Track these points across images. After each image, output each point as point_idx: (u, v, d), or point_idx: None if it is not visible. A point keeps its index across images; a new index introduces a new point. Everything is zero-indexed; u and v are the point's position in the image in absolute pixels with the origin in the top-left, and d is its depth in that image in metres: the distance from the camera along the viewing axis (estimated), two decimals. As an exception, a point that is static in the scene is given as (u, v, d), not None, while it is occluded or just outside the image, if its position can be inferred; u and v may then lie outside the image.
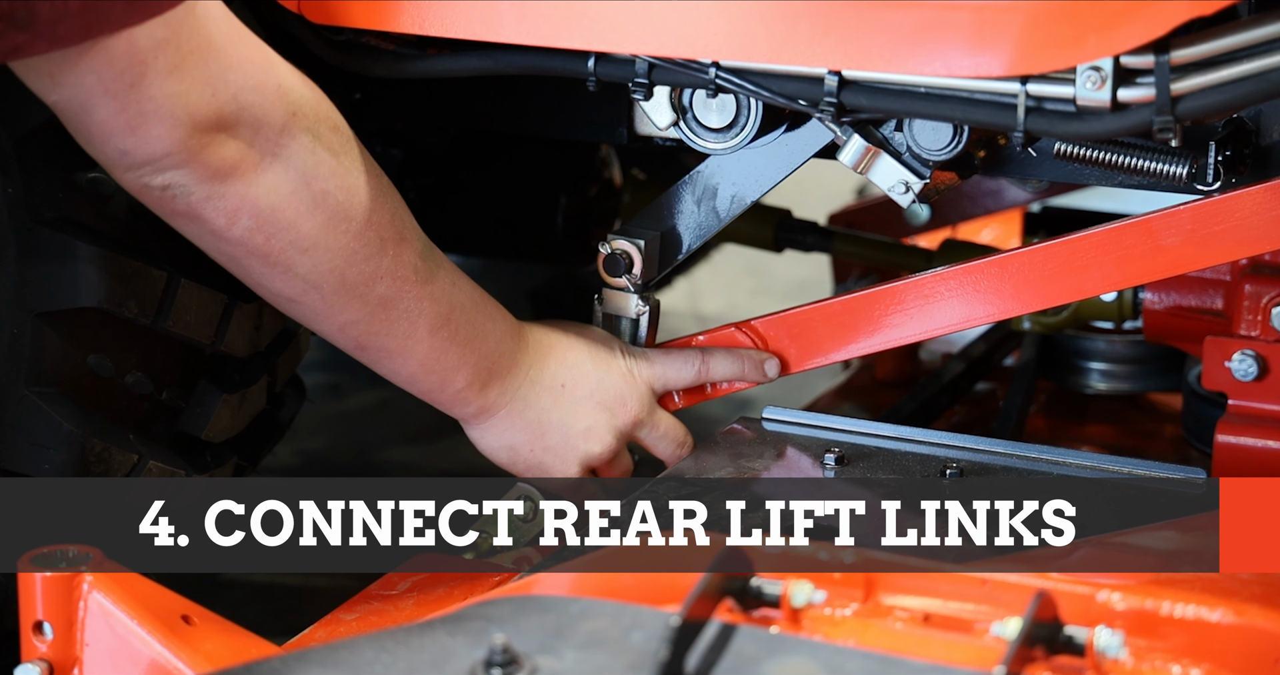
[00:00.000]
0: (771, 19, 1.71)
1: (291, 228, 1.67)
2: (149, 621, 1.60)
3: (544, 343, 1.94)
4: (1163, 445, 2.40)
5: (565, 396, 1.91)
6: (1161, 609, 1.33)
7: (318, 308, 1.75)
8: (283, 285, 1.72)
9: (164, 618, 1.61)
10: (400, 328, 1.78)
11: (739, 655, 1.30)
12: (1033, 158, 1.97)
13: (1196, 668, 1.31)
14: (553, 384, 1.91)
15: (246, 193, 1.64)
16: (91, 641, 1.60)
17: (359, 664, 1.31)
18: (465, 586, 1.84)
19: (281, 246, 1.68)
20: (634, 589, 1.39)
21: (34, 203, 1.80)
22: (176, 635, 1.60)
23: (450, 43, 1.86)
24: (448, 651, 1.31)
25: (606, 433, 1.93)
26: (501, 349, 1.87)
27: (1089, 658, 1.30)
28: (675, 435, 1.98)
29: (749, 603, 1.36)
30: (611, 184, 2.45)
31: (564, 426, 1.91)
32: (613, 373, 1.93)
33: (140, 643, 1.59)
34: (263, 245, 1.67)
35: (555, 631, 1.33)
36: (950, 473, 1.88)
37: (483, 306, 1.87)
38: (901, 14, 1.66)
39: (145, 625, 1.60)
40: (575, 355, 1.93)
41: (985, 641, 1.31)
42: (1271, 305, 2.05)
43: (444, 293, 1.81)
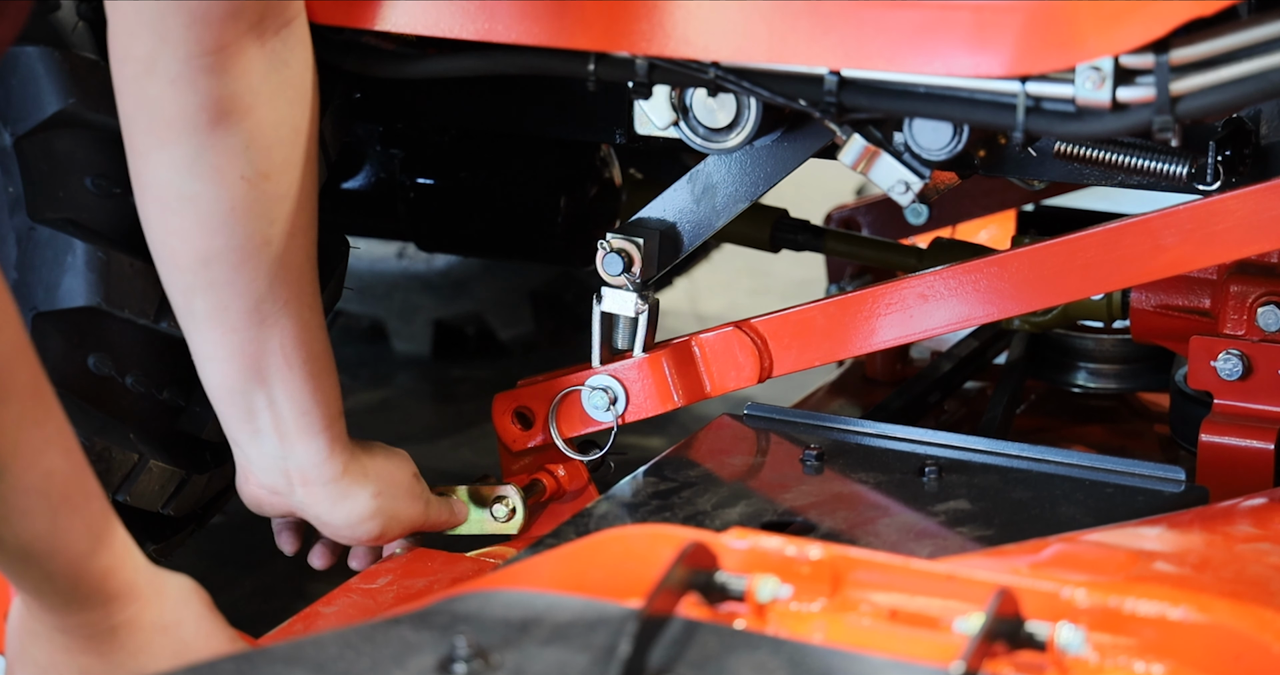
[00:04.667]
0: (771, 19, 1.71)
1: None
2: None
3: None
4: (1151, 444, 2.40)
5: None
6: (1125, 606, 1.33)
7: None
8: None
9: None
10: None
11: (703, 650, 1.30)
12: (1033, 158, 1.97)
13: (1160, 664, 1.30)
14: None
15: None
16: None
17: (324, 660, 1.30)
18: (446, 580, 1.85)
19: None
20: (601, 583, 1.38)
21: (34, 203, 1.80)
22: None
23: (450, 43, 1.86)
24: (412, 647, 1.31)
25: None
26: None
27: (1050, 654, 1.30)
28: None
29: (714, 597, 1.35)
30: (611, 184, 2.45)
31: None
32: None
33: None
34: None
35: (520, 626, 1.33)
36: (929, 470, 1.88)
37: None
38: (901, 14, 1.66)
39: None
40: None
41: (948, 637, 1.31)
42: (1257, 305, 2.05)
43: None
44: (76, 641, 1.53)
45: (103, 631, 1.53)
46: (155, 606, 1.55)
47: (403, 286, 3.28)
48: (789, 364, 2.02)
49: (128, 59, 1.64)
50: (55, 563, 1.47)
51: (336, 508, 1.84)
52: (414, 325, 3.30)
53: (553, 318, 3.28)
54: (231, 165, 1.67)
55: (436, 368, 3.31)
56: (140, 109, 1.66)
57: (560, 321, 3.29)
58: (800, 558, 1.37)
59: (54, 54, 1.79)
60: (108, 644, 1.53)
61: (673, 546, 1.36)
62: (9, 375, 1.39)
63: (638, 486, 1.86)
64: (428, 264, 3.25)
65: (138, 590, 1.53)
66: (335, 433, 1.82)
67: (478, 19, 1.81)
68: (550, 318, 3.28)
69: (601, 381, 2.02)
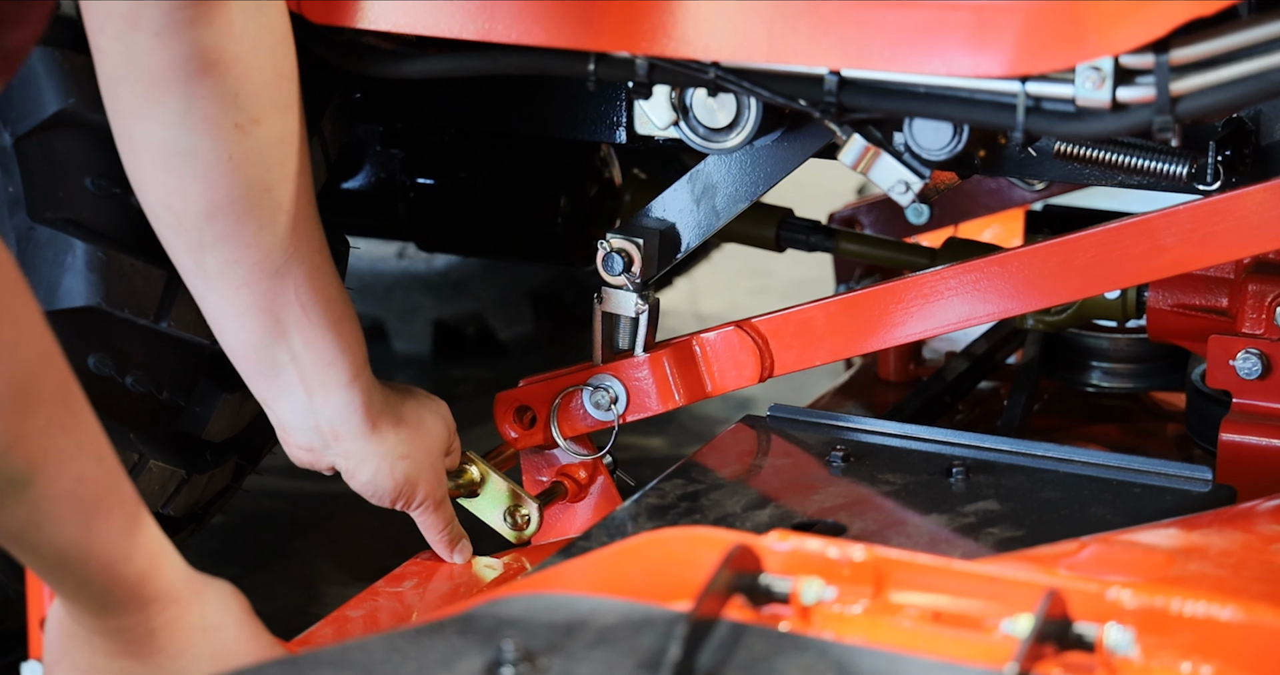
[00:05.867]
0: (771, 19, 1.71)
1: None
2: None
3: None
4: (1166, 444, 2.40)
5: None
6: (1171, 606, 1.33)
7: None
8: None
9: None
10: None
11: (750, 653, 1.30)
12: (1033, 157, 1.97)
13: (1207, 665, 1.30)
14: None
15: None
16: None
17: (370, 664, 1.30)
18: (470, 582, 1.85)
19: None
20: (643, 586, 1.38)
21: (34, 203, 1.80)
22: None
23: (450, 43, 1.86)
24: (459, 651, 1.31)
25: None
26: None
27: (1099, 655, 1.30)
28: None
29: (759, 600, 1.36)
30: (611, 184, 2.45)
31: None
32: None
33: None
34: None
35: (566, 630, 1.33)
36: (956, 470, 1.88)
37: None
38: (901, 14, 1.66)
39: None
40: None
41: (995, 639, 1.31)
42: (1276, 304, 2.05)
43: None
44: (116, 645, 1.53)
45: (142, 635, 1.52)
46: (195, 610, 1.55)
47: (403, 286, 3.28)
48: (790, 364, 2.02)
49: (110, 15, 1.62)
50: (90, 568, 1.47)
51: (363, 466, 1.82)
52: (414, 325, 3.30)
53: (553, 318, 3.28)
54: (224, 114, 1.65)
55: (436, 368, 3.31)
56: (126, 65, 1.64)
57: (560, 321, 3.29)
58: (843, 559, 1.37)
59: (54, 54, 1.79)
60: (147, 647, 1.53)
61: (714, 549, 1.36)
62: (37, 382, 1.39)
63: (665, 489, 1.86)
64: (428, 264, 3.25)
65: (176, 593, 1.53)
66: (362, 384, 1.79)
67: (478, 19, 1.81)
68: (550, 318, 3.28)
69: (602, 381, 2.02)
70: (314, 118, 1.99)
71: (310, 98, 1.93)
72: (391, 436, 1.82)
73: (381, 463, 1.82)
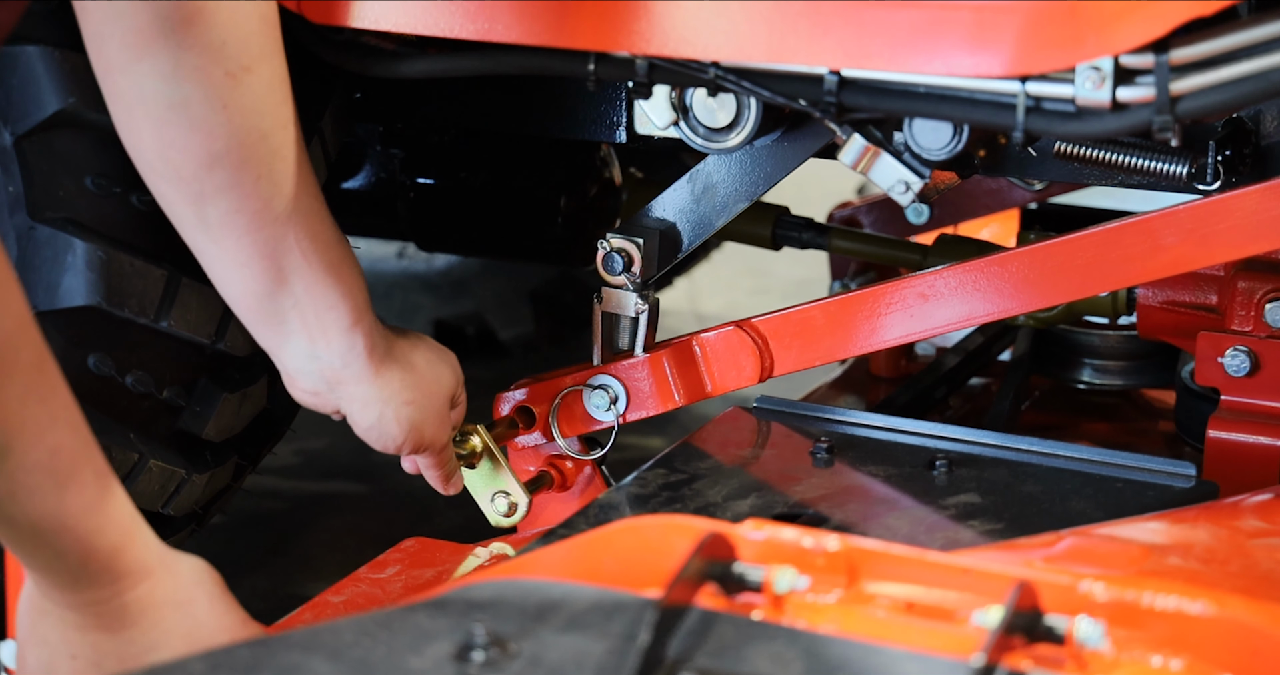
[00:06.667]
0: (771, 19, 1.71)
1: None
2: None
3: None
4: (1156, 441, 2.40)
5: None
6: (1143, 600, 1.33)
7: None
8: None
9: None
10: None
11: (720, 641, 1.30)
12: (1033, 157, 1.97)
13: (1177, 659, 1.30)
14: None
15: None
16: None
17: (340, 647, 1.30)
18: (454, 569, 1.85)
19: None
20: (617, 573, 1.38)
21: (34, 203, 1.80)
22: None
23: (450, 43, 1.87)
24: (429, 635, 1.31)
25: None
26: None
27: (1069, 647, 1.30)
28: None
29: (731, 588, 1.36)
30: (611, 184, 2.45)
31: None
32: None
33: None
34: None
35: (537, 614, 1.33)
36: (939, 463, 1.89)
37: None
38: (901, 14, 1.66)
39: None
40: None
41: (966, 630, 1.31)
42: (1265, 301, 2.05)
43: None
44: (88, 619, 1.53)
45: (114, 609, 1.52)
46: (167, 584, 1.54)
47: (403, 286, 3.28)
48: (790, 363, 2.02)
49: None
50: (64, 540, 1.47)
51: (368, 409, 1.81)
52: (414, 325, 3.30)
53: (553, 318, 3.29)
54: (215, 63, 1.64)
55: (436, 367, 3.31)
56: (111, 22, 1.62)
57: (560, 321, 3.29)
58: (817, 549, 1.37)
59: (54, 54, 1.79)
60: (119, 621, 1.53)
61: (689, 537, 1.36)
62: (13, 351, 1.39)
63: (647, 478, 1.86)
64: (428, 264, 3.26)
65: (149, 568, 1.53)
66: (365, 327, 1.79)
67: (478, 19, 1.81)
68: (550, 318, 3.28)
69: (602, 381, 2.02)
70: (314, 118, 2.00)
71: (310, 98, 1.93)
72: (397, 381, 1.82)
73: (386, 407, 1.82)
